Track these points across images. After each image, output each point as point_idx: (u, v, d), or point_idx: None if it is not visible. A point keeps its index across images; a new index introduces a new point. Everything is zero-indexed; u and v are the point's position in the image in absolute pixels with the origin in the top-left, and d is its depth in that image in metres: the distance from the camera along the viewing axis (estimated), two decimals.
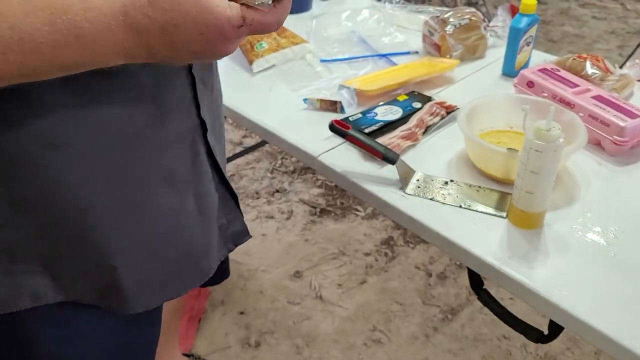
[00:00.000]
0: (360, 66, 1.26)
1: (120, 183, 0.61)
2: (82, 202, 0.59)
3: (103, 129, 0.57)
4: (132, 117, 0.59)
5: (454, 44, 1.20)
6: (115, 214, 0.62)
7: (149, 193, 0.64)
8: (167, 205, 0.66)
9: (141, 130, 0.61)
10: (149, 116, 0.61)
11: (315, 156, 0.97)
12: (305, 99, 1.11)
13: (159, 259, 0.69)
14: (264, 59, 1.26)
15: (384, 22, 1.43)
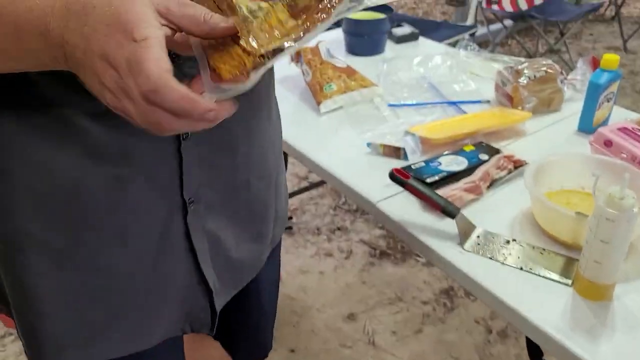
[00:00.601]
0: (428, 112, 1.24)
1: (59, 226, 0.59)
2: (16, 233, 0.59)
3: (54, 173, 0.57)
4: (84, 168, 0.57)
5: (527, 96, 1.16)
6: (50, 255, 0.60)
7: (94, 243, 0.61)
8: (112, 261, 0.62)
9: (96, 186, 0.58)
10: (106, 178, 0.58)
11: (374, 202, 0.95)
12: (369, 143, 1.10)
13: (87, 311, 0.64)
14: (332, 100, 1.27)
15: (457, 69, 1.41)
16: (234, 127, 0.66)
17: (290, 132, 1.22)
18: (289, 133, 1.21)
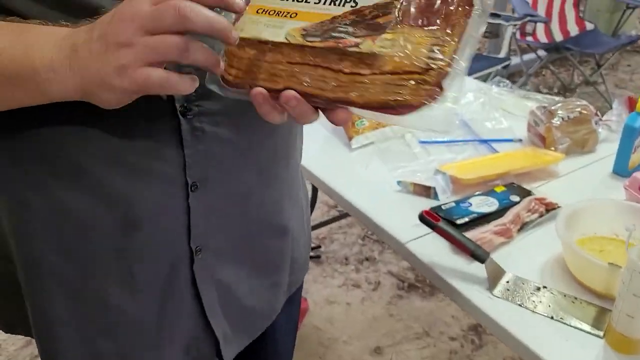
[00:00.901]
0: (459, 150, 1.25)
1: (71, 258, 0.61)
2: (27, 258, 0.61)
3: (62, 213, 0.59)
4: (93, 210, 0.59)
5: (561, 137, 1.16)
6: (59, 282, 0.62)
7: (103, 282, 0.62)
8: (120, 301, 0.63)
9: (105, 230, 0.59)
10: (114, 222, 0.59)
11: (403, 243, 0.96)
12: (399, 181, 1.11)
13: (96, 343, 0.65)
14: (364, 135, 1.28)
15: (489, 106, 1.41)
16: (248, 176, 0.66)
17: (321, 167, 1.24)
18: (320, 167, 1.23)
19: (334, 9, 0.49)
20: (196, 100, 0.58)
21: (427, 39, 0.46)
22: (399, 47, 0.46)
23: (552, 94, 3.43)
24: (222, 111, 0.60)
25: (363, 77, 0.46)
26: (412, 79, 0.45)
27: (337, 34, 0.48)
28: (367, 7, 0.48)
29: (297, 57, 0.49)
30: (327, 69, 0.48)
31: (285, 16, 0.51)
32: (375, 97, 0.46)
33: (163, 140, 0.58)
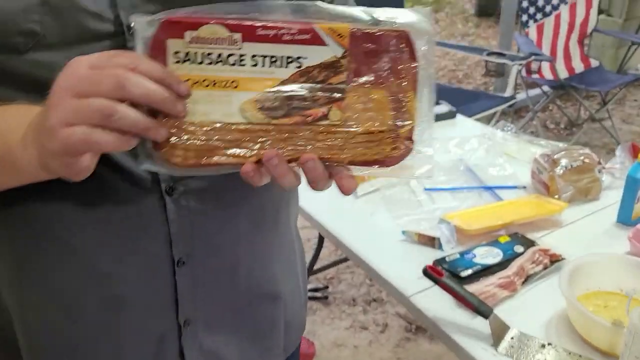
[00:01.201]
0: (464, 198, 1.26)
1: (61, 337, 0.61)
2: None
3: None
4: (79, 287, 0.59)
5: (564, 185, 1.17)
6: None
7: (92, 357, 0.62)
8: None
9: (91, 306, 0.60)
10: (101, 299, 0.60)
11: (407, 296, 0.96)
12: (404, 231, 1.12)
13: None
14: (369, 183, 1.30)
15: (493, 151, 1.43)
16: (235, 249, 0.66)
17: (326, 214, 1.25)
18: (325, 214, 1.25)
19: (278, 71, 0.48)
20: (182, 180, 0.59)
21: (387, 99, 0.50)
22: (367, 112, 0.50)
23: (559, 129, 3.44)
24: (208, 188, 0.61)
25: (338, 140, 0.49)
26: (384, 136, 0.50)
27: (297, 103, 0.49)
28: (314, 67, 0.49)
29: (258, 131, 0.49)
30: (298, 138, 0.49)
31: (226, 87, 0.49)
32: (356, 156, 0.49)
33: (149, 220, 0.59)
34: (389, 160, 0.50)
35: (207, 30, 0.47)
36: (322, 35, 0.48)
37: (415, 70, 0.50)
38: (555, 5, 3.16)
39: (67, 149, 0.44)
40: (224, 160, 0.49)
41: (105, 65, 0.44)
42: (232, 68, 0.48)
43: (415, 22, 0.50)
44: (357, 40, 0.49)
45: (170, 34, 0.47)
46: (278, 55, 0.48)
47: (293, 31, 0.48)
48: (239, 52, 0.48)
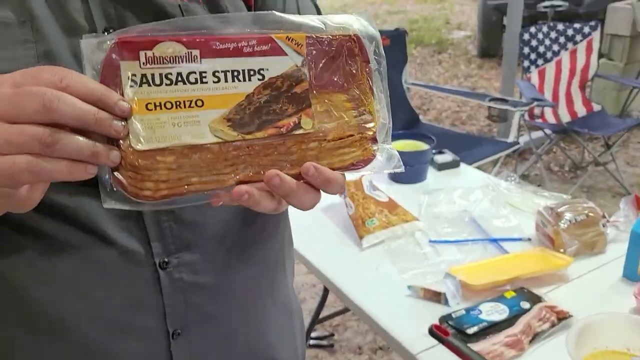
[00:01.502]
0: (469, 250, 1.26)
1: None
2: None
3: None
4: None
5: (569, 239, 1.17)
6: None
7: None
8: None
9: None
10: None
11: (414, 354, 0.96)
12: (410, 286, 1.12)
13: None
14: (374, 235, 1.30)
15: (498, 203, 1.44)
16: (230, 319, 0.66)
17: (330, 266, 1.25)
18: (329, 266, 1.25)
19: (242, 85, 0.47)
20: (175, 253, 0.59)
21: (349, 103, 0.51)
22: (334, 117, 0.51)
23: (564, 171, 3.45)
24: (201, 260, 0.61)
25: (312, 150, 0.50)
26: (354, 139, 0.51)
27: (267, 116, 0.48)
28: (277, 78, 0.48)
29: (231, 150, 0.47)
30: (272, 153, 0.48)
31: (190, 107, 0.46)
32: (333, 163, 0.51)
33: (143, 293, 0.59)
34: (361, 162, 0.52)
35: (163, 48, 0.45)
36: (281, 45, 0.48)
37: (369, 71, 0.52)
38: (556, 52, 3.22)
39: (9, 180, 0.40)
40: (199, 187, 0.46)
41: (30, 84, 0.40)
42: (195, 87, 0.46)
43: (362, 27, 0.52)
44: (314, 47, 0.50)
45: (123, 56, 0.44)
46: (240, 69, 0.47)
47: (252, 43, 0.47)
48: (199, 69, 0.46)
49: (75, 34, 0.54)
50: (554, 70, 3.22)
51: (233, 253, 0.65)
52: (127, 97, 0.44)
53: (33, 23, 0.52)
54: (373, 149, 0.52)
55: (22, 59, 0.51)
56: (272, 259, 0.73)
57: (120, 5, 0.56)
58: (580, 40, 3.21)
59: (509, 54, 3.51)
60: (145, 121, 0.44)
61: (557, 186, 3.21)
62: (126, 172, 0.44)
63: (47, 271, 0.57)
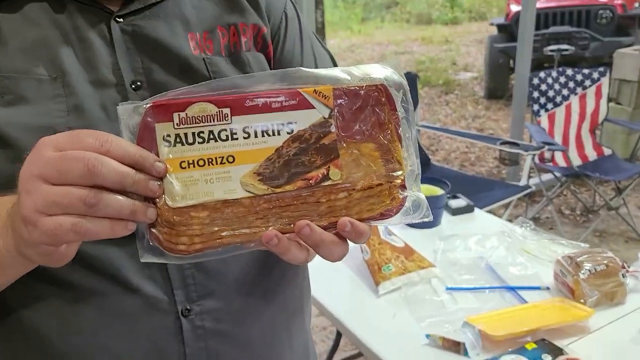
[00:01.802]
0: (486, 298, 1.25)
1: None
2: None
3: None
4: None
5: (589, 290, 1.16)
6: None
7: None
8: None
9: None
10: None
11: None
12: (428, 335, 1.10)
13: None
14: (390, 281, 1.30)
15: (514, 250, 1.43)
16: None
17: (346, 312, 1.24)
18: (344, 312, 1.24)
19: (271, 140, 0.49)
20: (198, 300, 0.60)
21: (377, 152, 0.52)
22: (363, 166, 0.51)
23: (575, 215, 3.43)
24: (223, 307, 0.62)
25: (341, 200, 0.50)
26: (382, 189, 0.51)
27: (296, 168, 0.49)
28: (305, 131, 0.50)
29: (262, 203, 0.48)
30: (302, 204, 0.49)
31: (222, 163, 0.47)
32: (362, 213, 0.50)
33: (164, 342, 0.60)
34: (389, 211, 0.51)
35: (195, 109, 0.47)
36: (308, 98, 0.50)
37: (397, 119, 0.52)
38: (565, 96, 3.25)
39: (54, 240, 0.43)
40: (231, 240, 0.47)
41: (72, 148, 0.42)
42: (226, 143, 0.47)
43: (388, 75, 0.53)
44: (341, 98, 0.51)
45: (157, 119, 0.47)
46: (269, 124, 0.49)
47: (280, 98, 0.49)
48: (229, 127, 0.48)
49: (104, 87, 0.56)
50: (563, 115, 3.25)
51: (254, 299, 0.66)
52: (162, 156, 0.46)
53: (64, 79, 0.54)
54: (401, 196, 0.52)
55: (54, 113, 0.54)
56: (291, 304, 0.73)
57: (148, 58, 0.58)
58: (590, 85, 3.24)
59: (518, 97, 3.54)
60: (180, 179, 0.47)
61: (569, 230, 3.19)
62: (162, 228, 0.47)
63: (72, 321, 0.57)
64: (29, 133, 0.52)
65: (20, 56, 0.54)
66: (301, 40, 0.71)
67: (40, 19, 0.56)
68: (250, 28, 0.64)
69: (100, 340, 0.58)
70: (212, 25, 0.63)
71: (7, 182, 0.50)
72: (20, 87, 0.54)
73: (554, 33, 5.01)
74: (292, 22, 0.70)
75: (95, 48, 0.57)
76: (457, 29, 11.37)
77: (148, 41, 0.59)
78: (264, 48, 0.66)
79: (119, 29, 0.58)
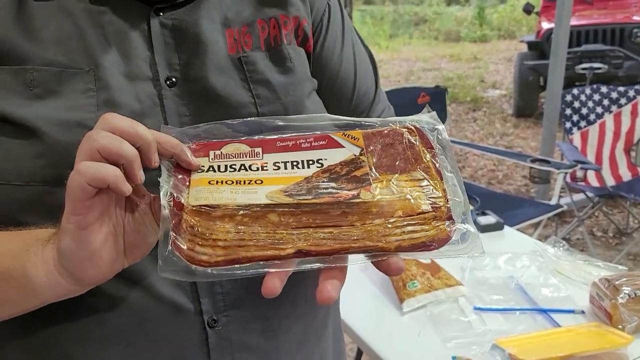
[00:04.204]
0: (516, 320, 1.18)
1: None
2: None
3: None
4: None
5: (628, 315, 1.09)
6: None
7: None
8: None
9: None
10: None
11: None
12: (454, 356, 1.05)
13: None
14: (415, 299, 1.24)
15: (546, 270, 1.36)
16: None
17: (368, 329, 1.19)
18: (367, 330, 1.19)
19: (301, 171, 0.48)
20: (225, 310, 0.58)
21: (414, 182, 0.49)
22: (399, 195, 0.48)
23: (607, 237, 3.32)
24: (251, 319, 0.59)
25: (377, 226, 0.46)
26: (426, 217, 0.47)
27: (324, 190, 0.47)
28: (335, 165, 0.49)
29: (291, 221, 0.45)
30: (334, 227, 0.46)
31: (250, 184, 0.47)
32: (403, 241, 0.46)
33: (189, 353, 0.57)
34: (436, 242, 0.46)
35: (230, 148, 0.50)
36: (338, 140, 0.50)
37: (434, 154, 0.51)
38: (599, 114, 3.16)
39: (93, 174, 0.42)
40: (255, 254, 0.44)
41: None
42: (256, 172, 0.48)
43: (422, 119, 0.53)
44: (372, 139, 0.51)
45: (195, 155, 0.49)
46: (299, 159, 0.49)
47: (310, 139, 0.50)
48: (260, 162, 0.49)
49: (138, 80, 0.55)
50: (597, 133, 3.16)
51: (283, 311, 0.63)
52: (193, 179, 0.48)
53: (97, 72, 0.53)
54: (448, 228, 0.47)
55: (84, 108, 0.52)
56: (320, 318, 0.70)
57: (185, 54, 0.57)
58: (625, 104, 3.15)
59: (550, 115, 3.47)
60: (206, 189, 0.47)
61: (601, 252, 3.08)
62: (186, 236, 0.45)
63: (93, 328, 0.55)
64: (59, 128, 0.51)
65: (52, 47, 0.53)
66: (343, 36, 0.68)
67: (75, 9, 0.54)
68: (291, 20, 0.62)
69: (122, 349, 0.56)
70: (252, 19, 0.61)
71: (29, 180, 0.50)
72: (51, 80, 0.52)
73: (586, 51, 4.90)
74: (335, 15, 0.67)
75: (132, 41, 0.55)
76: (485, 47, 11.28)
77: (187, 36, 0.57)
78: (304, 41, 0.63)
79: (158, 23, 0.56)
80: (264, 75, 0.59)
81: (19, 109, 0.51)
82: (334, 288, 0.43)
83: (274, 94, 0.59)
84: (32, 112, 0.51)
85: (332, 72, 0.67)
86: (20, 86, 0.52)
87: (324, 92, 0.66)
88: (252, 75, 0.58)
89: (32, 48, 0.52)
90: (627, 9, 5.57)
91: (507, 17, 12.73)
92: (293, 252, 0.44)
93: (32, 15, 0.53)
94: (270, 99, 0.58)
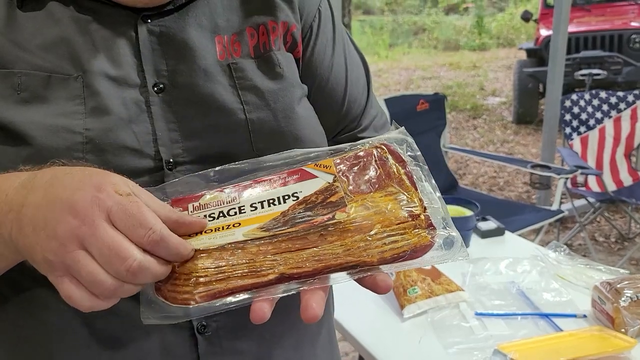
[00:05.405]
0: (518, 326, 1.17)
1: None
2: None
3: None
4: None
5: (631, 318, 1.08)
6: None
7: None
8: None
9: None
10: None
11: None
12: None
13: None
14: (416, 305, 1.24)
15: (547, 274, 1.35)
16: None
17: (369, 336, 1.18)
18: (368, 336, 1.18)
19: (277, 207, 0.49)
20: (214, 316, 0.57)
21: (389, 196, 0.50)
22: (375, 209, 0.48)
23: (610, 242, 3.31)
24: (242, 324, 0.59)
25: (357, 241, 0.47)
26: (405, 226, 0.47)
27: (301, 219, 0.48)
28: (311, 195, 0.50)
29: (270, 249, 0.46)
30: (313, 249, 0.46)
31: (228, 228, 0.48)
32: (385, 252, 0.46)
33: (180, 358, 0.57)
34: (419, 249, 0.47)
35: (207, 198, 0.51)
36: (310, 171, 0.51)
37: (406, 168, 0.52)
38: (599, 119, 3.16)
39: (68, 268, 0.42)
40: (236, 284, 0.45)
41: (124, 229, 0.42)
42: (234, 217, 0.49)
43: (391, 136, 0.54)
44: (343, 164, 0.52)
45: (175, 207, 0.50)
46: (275, 196, 0.50)
47: (284, 175, 0.51)
48: (238, 205, 0.50)
49: (126, 86, 0.55)
50: (597, 138, 3.15)
51: (277, 318, 0.62)
52: None
53: (85, 78, 0.52)
54: (430, 235, 0.47)
55: (72, 115, 0.52)
56: (314, 324, 0.68)
57: (173, 60, 0.56)
58: (625, 109, 3.15)
59: (550, 121, 3.46)
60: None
61: (603, 258, 3.07)
62: (166, 279, 0.45)
63: (80, 333, 0.54)
64: (46, 132, 0.50)
65: (40, 53, 0.53)
66: (334, 41, 0.68)
67: (63, 16, 0.54)
68: (280, 26, 0.61)
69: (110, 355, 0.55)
70: (241, 26, 0.60)
71: None
72: (38, 85, 0.52)
73: (585, 57, 4.91)
74: (326, 20, 0.67)
75: (120, 48, 0.55)
76: (484, 55, 11.32)
77: (175, 43, 0.57)
78: (292, 47, 0.63)
79: (145, 30, 0.56)
80: (252, 82, 0.58)
81: (5, 113, 0.51)
82: (318, 305, 0.43)
83: (262, 100, 0.58)
84: (19, 116, 0.51)
85: (322, 77, 0.67)
86: (8, 90, 0.52)
87: (314, 98, 0.66)
88: (241, 81, 0.58)
89: (21, 54, 0.53)
90: (625, 15, 5.59)
91: (506, 25, 12.79)
92: (275, 278, 0.45)
93: (21, 25, 0.54)
94: (259, 105, 0.58)
